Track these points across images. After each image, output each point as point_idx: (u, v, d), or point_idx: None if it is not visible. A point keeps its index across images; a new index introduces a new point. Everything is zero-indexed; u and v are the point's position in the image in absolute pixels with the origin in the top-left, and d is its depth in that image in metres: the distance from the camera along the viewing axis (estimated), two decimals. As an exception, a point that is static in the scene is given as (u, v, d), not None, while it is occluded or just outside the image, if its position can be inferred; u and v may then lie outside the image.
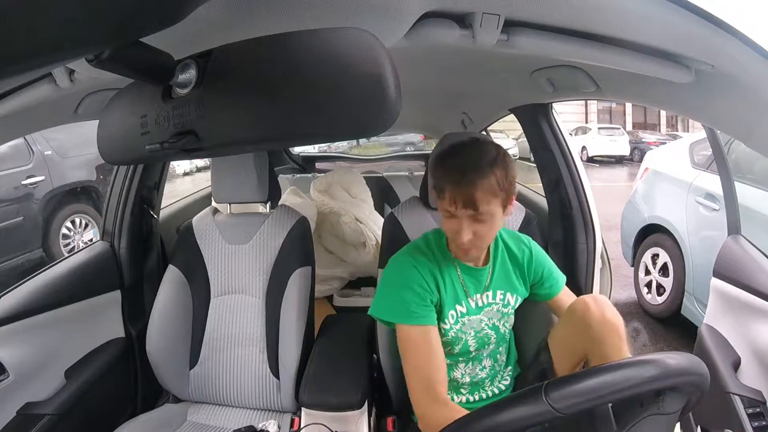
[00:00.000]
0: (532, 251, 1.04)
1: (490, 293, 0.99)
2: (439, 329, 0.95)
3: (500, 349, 1.06)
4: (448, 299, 0.95)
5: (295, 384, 1.16)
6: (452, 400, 1.02)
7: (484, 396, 1.05)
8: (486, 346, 1.02)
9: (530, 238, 1.07)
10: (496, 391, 1.05)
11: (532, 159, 1.50)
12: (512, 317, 1.04)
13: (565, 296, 1.06)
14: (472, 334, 0.99)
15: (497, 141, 1.02)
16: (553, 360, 0.98)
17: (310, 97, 0.35)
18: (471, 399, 1.04)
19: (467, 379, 1.02)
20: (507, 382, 1.08)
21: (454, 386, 1.03)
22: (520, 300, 1.03)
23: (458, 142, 0.91)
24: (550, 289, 1.05)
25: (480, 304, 0.99)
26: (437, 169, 0.88)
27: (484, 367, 1.04)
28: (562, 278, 1.07)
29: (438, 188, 0.88)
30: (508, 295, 1.01)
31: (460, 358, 1.01)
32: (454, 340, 0.97)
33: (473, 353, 1.01)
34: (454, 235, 0.88)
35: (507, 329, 1.04)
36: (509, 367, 1.08)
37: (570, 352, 0.95)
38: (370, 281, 2.30)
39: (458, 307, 0.96)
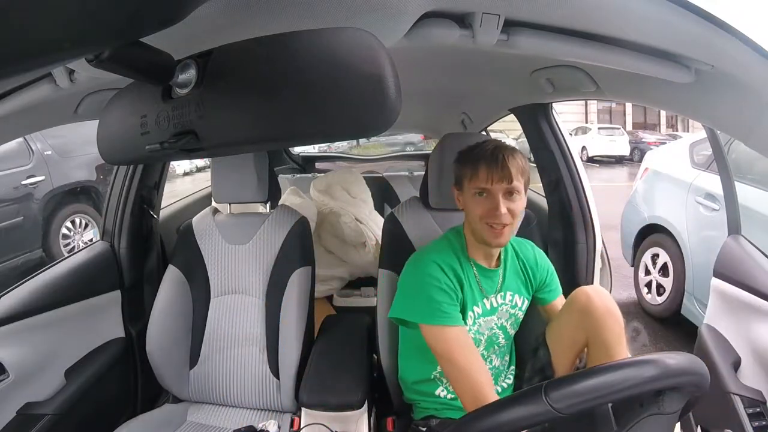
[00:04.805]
0: (536, 255, 1.07)
1: (502, 294, 1.01)
2: None
3: (507, 349, 1.08)
4: (468, 300, 0.96)
5: (295, 384, 1.16)
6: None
7: None
8: (493, 347, 1.02)
9: (532, 243, 1.10)
10: (499, 390, 1.05)
11: (532, 159, 1.50)
12: (519, 319, 1.05)
13: (560, 302, 1.08)
14: (486, 335, 1.00)
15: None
16: (551, 353, 0.99)
17: (310, 97, 0.35)
18: None
19: None
20: (510, 381, 1.08)
21: None
22: (527, 303, 1.04)
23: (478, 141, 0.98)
24: (549, 293, 1.07)
25: (495, 305, 1.00)
26: (468, 156, 0.93)
27: (494, 367, 1.04)
28: (559, 283, 1.10)
29: (469, 170, 0.92)
30: (516, 296, 1.03)
31: None
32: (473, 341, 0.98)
33: (482, 354, 1.01)
34: (490, 213, 0.89)
35: (514, 330, 1.06)
36: (512, 366, 1.10)
37: (570, 342, 0.96)
38: (370, 281, 2.30)
39: (475, 309, 0.97)
